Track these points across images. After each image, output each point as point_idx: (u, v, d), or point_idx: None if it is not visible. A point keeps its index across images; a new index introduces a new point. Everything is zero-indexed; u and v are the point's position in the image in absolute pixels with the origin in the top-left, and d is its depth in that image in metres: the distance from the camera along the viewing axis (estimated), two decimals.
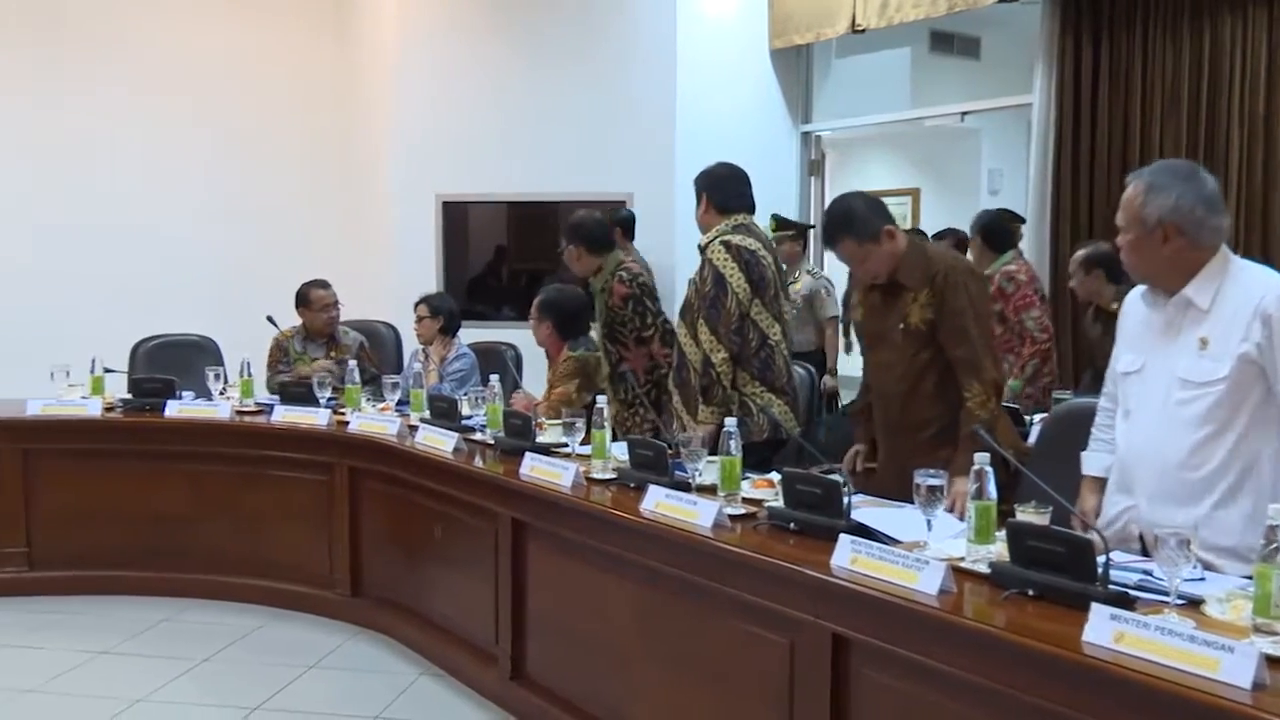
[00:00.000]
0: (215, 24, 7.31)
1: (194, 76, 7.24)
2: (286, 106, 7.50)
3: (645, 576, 2.98)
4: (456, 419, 4.16)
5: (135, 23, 7.12)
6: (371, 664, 4.08)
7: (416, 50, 7.08)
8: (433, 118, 7.02)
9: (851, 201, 3.28)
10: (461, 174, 6.98)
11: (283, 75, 7.50)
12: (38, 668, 3.99)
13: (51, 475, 4.78)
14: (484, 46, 6.95)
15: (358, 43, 7.57)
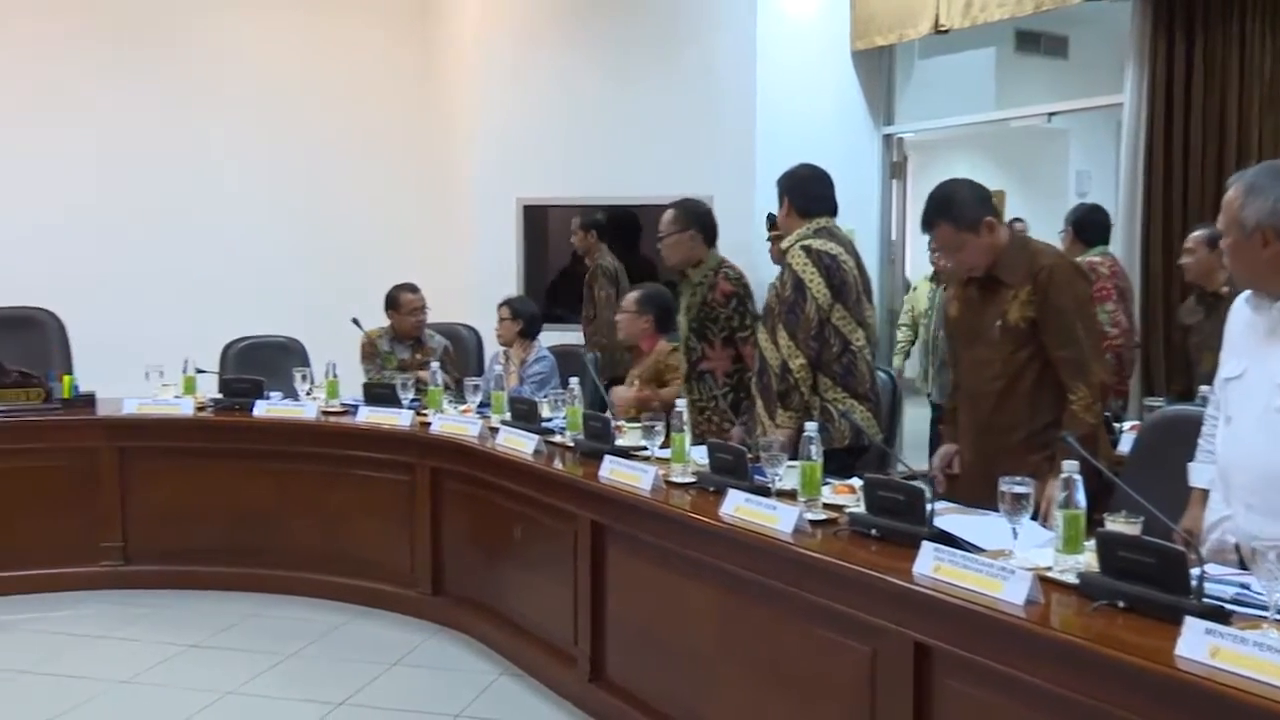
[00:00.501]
0: (301, 34, 7.46)
1: (280, 84, 7.40)
2: (371, 113, 7.63)
3: (724, 581, 2.97)
4: (536, 421, 4.19)
5: (222, 32, 7.29)
6: (452, 662, 4.13)
7: (498, 55, 7.16)
8: (514, 122, 7.08)
9: (956, 186, 3.20)
10: (542, 177, 7.04)
11: (367, 82, 7.63)
12: (133, 659, 4.11)
13: (145, 472, 4.91)
14: (565, 51, 7.00)
15: (441, 49, 7.68)
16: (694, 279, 4.16)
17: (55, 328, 5.93)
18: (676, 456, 3.38)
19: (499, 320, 5.52)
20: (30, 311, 5.98)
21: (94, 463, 4.86)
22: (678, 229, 4.15)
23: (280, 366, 5.38)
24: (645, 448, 3.62)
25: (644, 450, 3.62)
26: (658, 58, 6.80)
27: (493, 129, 7.16)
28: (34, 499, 4.78)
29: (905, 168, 7.32)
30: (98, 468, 4.87)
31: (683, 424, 3.38)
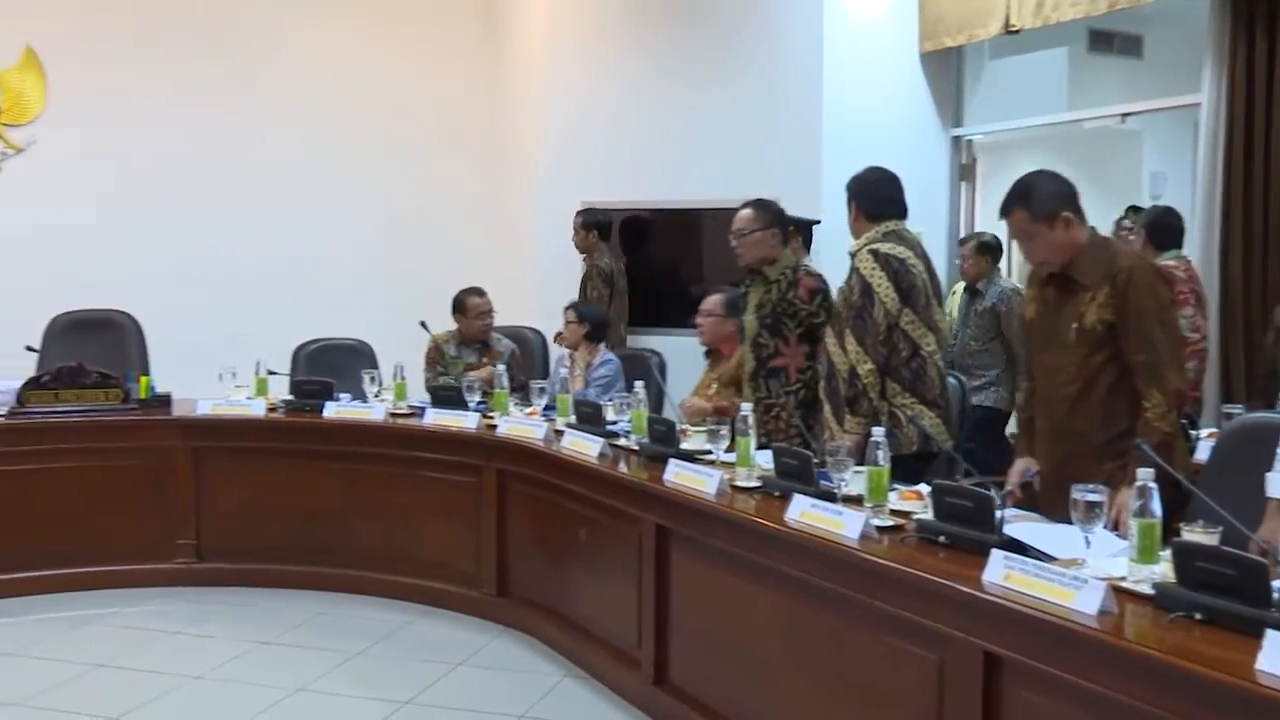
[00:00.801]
0: (370, 41, 7.57)
1: (349, 91, 7.51)
2: (438, 118, 7.72)
3: (790, 586, 2.96)
4: (601, 424, 4.20)
5: (293, 41, 7.42)
6: (516, 663, 4.16)
7: (564, 60, 7.20)
8: (579, 125, 7.12)
9: (1040, 176, 3.12)
10: (607, 181, 7.06)
11: (434, 88, 7.72)
12: (206, 655, 4.19)
13: (219, 472, 5.01)
14: (630, 55, 7.02)
15: (506, 55, 7.75)
16: (770, 276, 4.13)
17: (133, 330, 6.08)
18: (742, 460, 3.37)
19: (564, 323, 5.55)
20: (110, 314, 6.14)
21: (169, 462, 4.97)
22: (760, 226, 4.13)
23: (349, 368, 5.45)
24: (710, 451, 3.62)
25: (709, 454, 3.62)
26: (722, 60, 6.79)
27: (558, 133, 7.21)
28: (112, 497, 4.90)
29: (974, 170, 7.23)
30: (173, 467, 4.97)
31: (748, 428, 3.37)
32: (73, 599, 4.74)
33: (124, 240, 6.81)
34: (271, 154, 7.32)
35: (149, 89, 7.02)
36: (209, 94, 7.17)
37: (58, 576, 4.79)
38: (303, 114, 7.39)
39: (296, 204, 7.34)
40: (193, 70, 7.12)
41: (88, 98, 6.88)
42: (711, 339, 4.71)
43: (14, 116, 6.78)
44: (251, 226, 7.23)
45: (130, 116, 6.97)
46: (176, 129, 7.09)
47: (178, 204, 6.89)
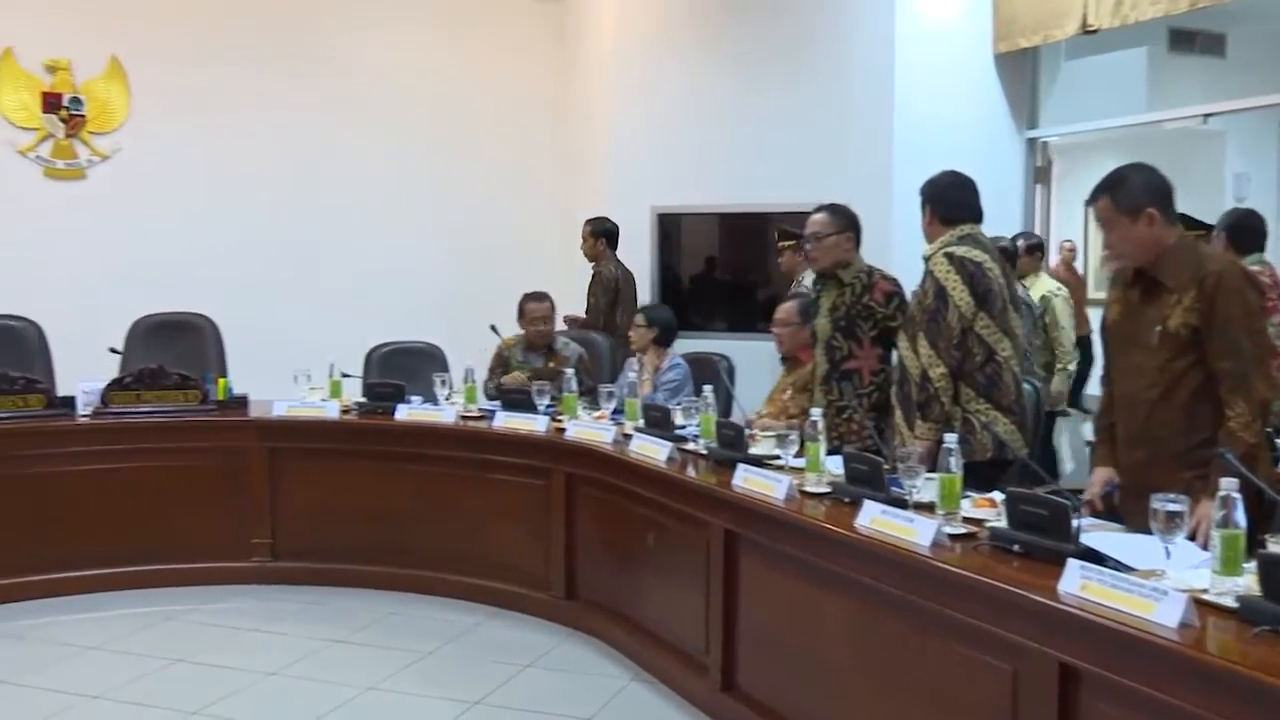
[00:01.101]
0: (445, 48, 7.66)
1: (422, 99, 7.60)
2: (507, 123, 7.79)
3: (860, 593, 2.93)
4: (670, 428, 4.20)
5: (366, 51, 7.53)
6: (584, 666, 4.17)
7: (633, 64, 7.23)
8: (648, 130, 7.13)
9: (1134, 169, 3.04)
10: (676, 185, 7.06)
11: (503, 92, 7.79)
12: (280, 652, 4.26)
13: (293, 472, 5.09)
14: (699, 58, 7.01)
15: (575, 59, 7.79)
16: (845, 279, 4.13)
17: (212, 332, 6.21)
18: (811, 466, 3.35)
19: (633, 326, 5.56)
20: (189, 317, 6.29)
21: (245, 462, 5.06)
22: (834, 230, 4.13)
23: (421, 371, 5.51)
24: (779, 456, 3.60)
25: (778, 459, 3.60)
26: (792, 63, 6.75)
27: (627, 137, 7.23)
28: (191, 496, 5.01)
29: (1050, 172, 7.10)
30: (249, 467, 5.06)
31: (817, 433, 3.35)
32: (153, 595, 4.84)
33: (203, 244, 6.95)
34: (345, 160, 7.43)
35: (228, 97, 7.16)
36: (285, 101, 7.30)
37: (139, 573, 4.90)
38: (376, 120, 7.50)
39: (370, 209, 7.44)
40: (270, 79, 7.26)
41: (169, 106, 7.05)
42: (790, 348, 4.69)
43: (100, 125, 6.96)
44: (326, 231, 7.35)
45: (210, 124, 7.12)
46: (255, 136, 7.23)
47: (256, 209, 7.03)
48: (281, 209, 7.15)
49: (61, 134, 6.88)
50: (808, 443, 3.36)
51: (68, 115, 6.90)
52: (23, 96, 6.77)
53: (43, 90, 6.82)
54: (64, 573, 4.82)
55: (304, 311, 7.08)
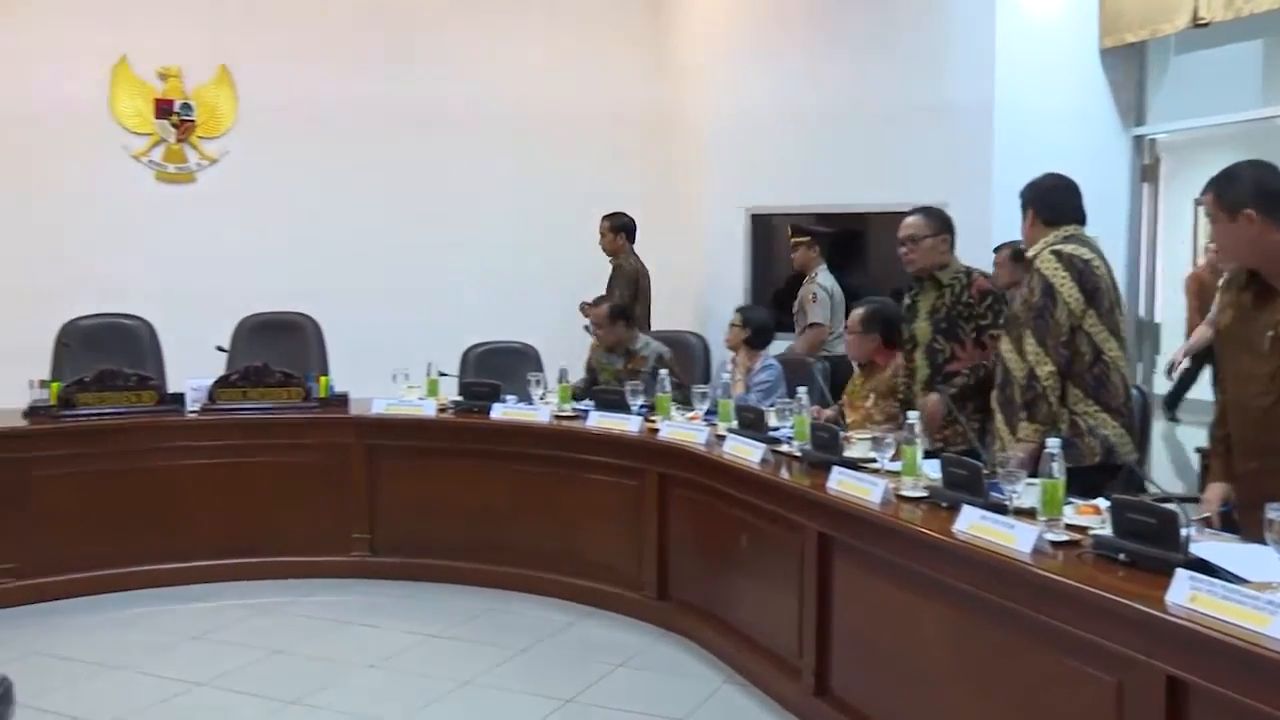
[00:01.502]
0: (536, 51, 7.71)
1: (514, 100, 7.66)
2: (601, 125, 7.81)
3: (957, 599, 2.88)
4: (763, 429, 4.18)
5: (463, 53, 7.60)
6: (677, 667, 4.17)
7: (728, 66, 7.20)
8: (743, 131, 7.10)
9: (1248, 165, 2.94)
10: (770, 186, 7.02)
11: (598, 94, 7.81)
12: (379, 645, 4.35)
13: (392, 469, 5.18)
14: (795, 58, 6.96)
15: (671, 61, 7.79)
16: (943, 280, 4.10)
17: (314, 331, 6.36)
18: (908, 470, 3.30)
19: (729, 326, 5.55)
20: (293, 317, 6.45)
21: (346, 459, 5.17)
22: (931, 232, 4.12)
23: (516, 371, 5.57)
24: (874, 459, 3.56)
25: (873, 462, 3.56)
26: (889, 62, 6.66)
27: (722, 139, 7.20)
28: (293, 491, 5.13)
29: (1157, 170, 6.89)
30: (349, 463, 5.17)
31: (914, 436, 3.30)
32: (256, 587, 4.97)
33: (306, 246, 7.11)
34: (443, 163, 7.53)
35: (329, 103, 7.31)
36: (384, 108, 7.42)
37: (243, 565, 5.04)
38: (472, 124, 7.58)
39: (467, 211, 7.53)
40: (370, 86, 7.39)
41: (274, 112, 7.22)
42: (858, 356, 4.68)
43: (208, 130, 7.17)
44: (424, 233, 7.45)
45: (313, 128, 7.27)
46: (355, 140, 7.37)
47: (356, 212, 7.16)
48: (381, 211, 7.27)
49: (173, 139, 7.10)
50: (904, 446, 3.32)
51: (178, 121, 7.12)
52: (136, 103, 7.01)
53: (155, 97, 7.05)
54: (173, 563, 4.98)
55: (403, 311, 7.19)
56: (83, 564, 4.83)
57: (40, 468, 4.82)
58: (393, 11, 7.42)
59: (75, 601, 4.75)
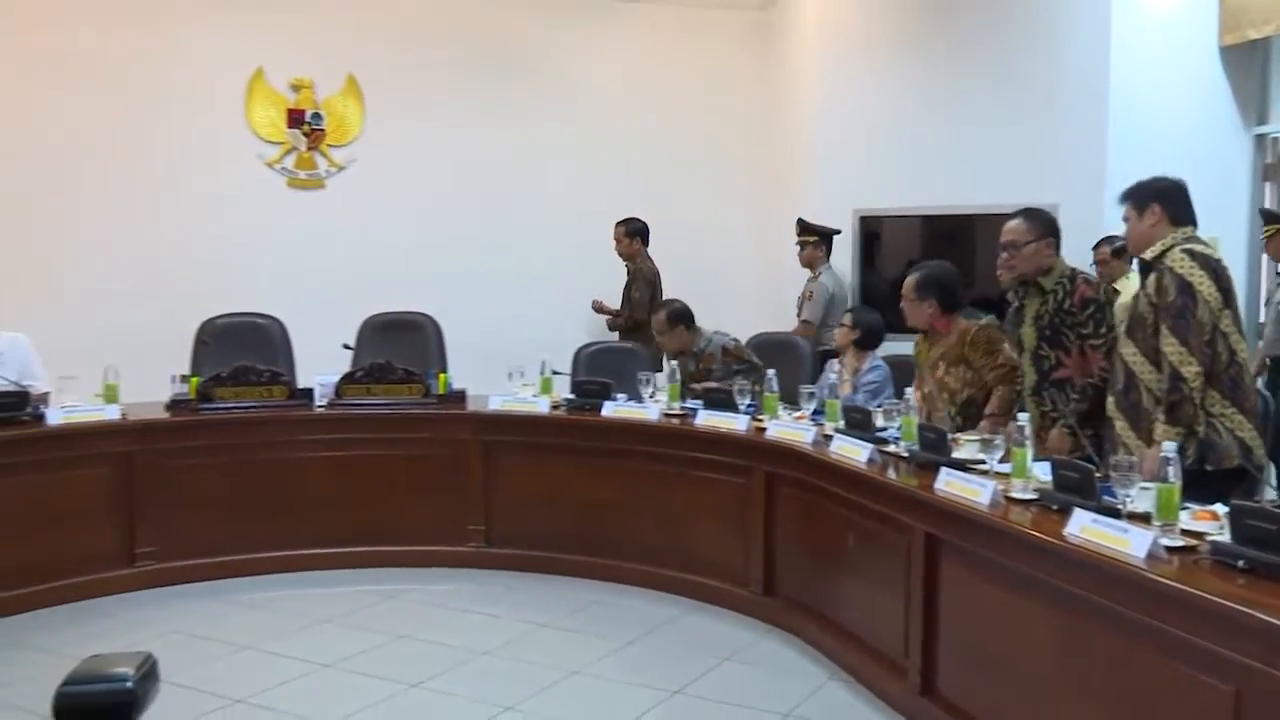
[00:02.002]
0: (647, 57, 7.73)
1: (626, 105, 7.70)
2: (711, 128, 7.81)
3: (1068, 604, 2.80)
4: (871, 430, 4.12)
5: (577, 62, 7.67)
6: (782, 662, 4.14)
7: (836, 68, 7.13)
8: (852, 133, 7.02)
9: None
10: (878, 188, 6.93)
11: (706, 98, 7.81)
12: (493, 633, 4.41)
13: (506, 464, 5.25)
14: (904, 59, 6.86)
15: (779, 66, 7.75)
16: (1046, 286, 3.98)
17: (433, 330, 6.50)
18: (1018, 471, 3.22)
19: (838, 326, 5.50)
20: (414, 316, 6.60)
21: (463, 453, 5.25)
22: (1034, 237, 3.99)
23: (626, 370, 5.59)
24: (983, 461, 3.48)
25: (982, 463, 3.48)
26: (1000, 61, 6.52)
27: (830, 141, 7.14)
28: (413, 483, 5.23)
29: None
30: (466, 458, 5.25)
31: (1024, 438, 3.22)
32: (379, 574, 5.07)
33: (427, 248, 7.25)
34: (558, 167, 7.61)
35: (450, 111, 7.45)
36: (502, 114, 7.53)
37: (366, 553, 5.16)
38: (587, 129, 7.64)
39: (581, 215, 7.57)
40: (489, 94, 7.50)
41: (399, 120, 7.39)
42: (913, 321, 4.53)
43: (337, 138, 7.37)
44: (539, 236, 7.54)
45: (436, 135, 7.42)
46: (474, 147, 7.48)
47: (475, 216, 7.29)
48: (498, 215, 7.39)
49: (304, 147, 7.32)
50: (1014, 448, 3.24)
51: (309, 130, 7.33)
52: (270, 113, 7.24)
53: (288, 107, 7.27)
54: (300, 550, 5.11)
55: (518, 312, 7.29)
56: (217, 549, 5.00)
57: (179, 457, 5.00)
58: (508, 23, 7.53)
59: (210, 584, 4.91)
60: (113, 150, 6.78)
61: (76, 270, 6.64)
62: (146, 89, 6.86)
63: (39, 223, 6.63)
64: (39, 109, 6.64)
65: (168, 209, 6.90)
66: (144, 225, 6.80)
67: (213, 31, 7.00)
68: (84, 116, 6.73)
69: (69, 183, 6.72)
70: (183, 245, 6.88)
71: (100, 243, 6.69)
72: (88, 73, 6.71)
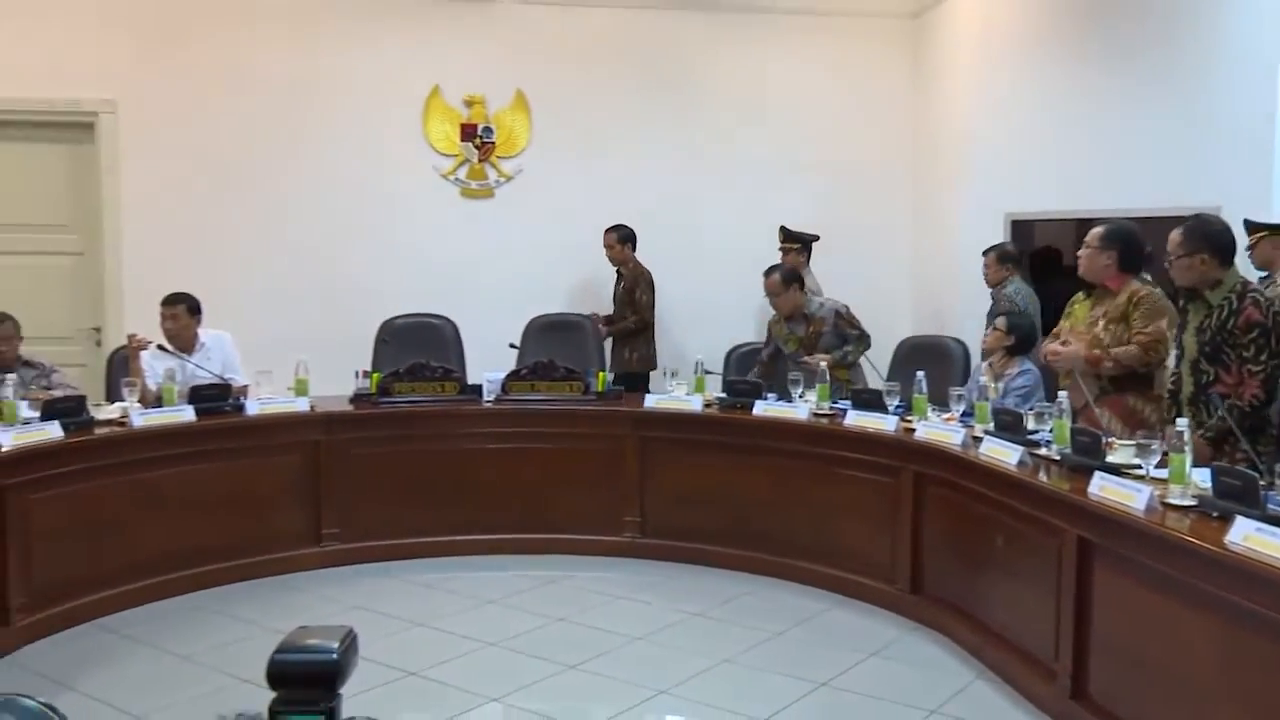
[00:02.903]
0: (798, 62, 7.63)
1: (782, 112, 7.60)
2: (861, 132, 7.65)
3: (1230, 613, 2.64)
4: (1021, 433, 3.98)
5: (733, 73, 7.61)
6: (929, 659, 4.04)
7: (990, 75, 6.90)
8: (1004, 137, 6.80)
9: None
10: (1031, 191, 6.68)
11: (858, 104, 7.67)
12: (645, 620, 4.44)
13: (660, 459, 5.27)
14: (1059, 65, 6.59)
15: (930, 72, 7.55)
16: (1212, 300, 3.74)
17: (593, 331, 6.60)
18: (1175, 477, 3.06)
19: (991, 330, 5.33)
20: (575, 318, 6.73)
21: (620, 448, 5.29)
22: (1184, 252, 3.75)
23: (776, 370, 5.55)
24: (1139, 466, 3.32)
25: (1138, 468, 3.32)
26: (1160, 62, 6.20)
27: (981, 145, 6.92)
28: (573, 475, 5.31)
29: None
30: (623, 452, 5.29)
31: (1183, 444, 3.06)
32: (539, 560, 5.16)
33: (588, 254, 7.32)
34: (711, 173, 7.57)
35: (611, 122, 7.51)
36: (665, 123, 7.53)
37: (528, 540, 5.26)
38: (740, 136, 7.58)
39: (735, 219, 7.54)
40: (651, 104, 7.52)
41: (564, 132, 7.50)
42: (1087, 272, 4.28)
43: (506, 150, 7.53)
44: (694, 240, 7.52)
45: (597, 146, 7.50)
46: (633, 156, 7.51)
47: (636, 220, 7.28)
48: (654, 221, 7.40)
49: (475, 159, 7.50)
50: (1172, 454, 3.08)
51: (480, 143, 7.51)
52: (446, 128, 7.46)
53: (461, 122, 7.47)
54: (467, 535, 5.25)
55: (672, 314, 7.31)
56: (393, 532, 5.18)
57: (361, 446, 5.21)
58: (666, 38, 7.55)
59: (385, 565, 5.09)
60: (304, 163, 7.11)
61: (270, 273, 6.98)
62: (336, 106, 7.16)
63: (241, 230, 6.99)
64: (241, 125, 7.01)
65: (353, 217, 7.17)
66: (330, 232, 7.08)
67: (395, 53, 7.26)
68: (279, 131, 7.07)
69: (264, 192, 7.07)
70: (365, 251, 7.14)
71: (292, 248, 7.01)
72: (284, 91, 7.06)
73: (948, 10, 7.34)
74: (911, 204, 7.68)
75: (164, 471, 4.68)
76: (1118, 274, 4.18)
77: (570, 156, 7.50)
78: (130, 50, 6.89)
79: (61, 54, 6.77)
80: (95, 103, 6.88)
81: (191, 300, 5.38)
